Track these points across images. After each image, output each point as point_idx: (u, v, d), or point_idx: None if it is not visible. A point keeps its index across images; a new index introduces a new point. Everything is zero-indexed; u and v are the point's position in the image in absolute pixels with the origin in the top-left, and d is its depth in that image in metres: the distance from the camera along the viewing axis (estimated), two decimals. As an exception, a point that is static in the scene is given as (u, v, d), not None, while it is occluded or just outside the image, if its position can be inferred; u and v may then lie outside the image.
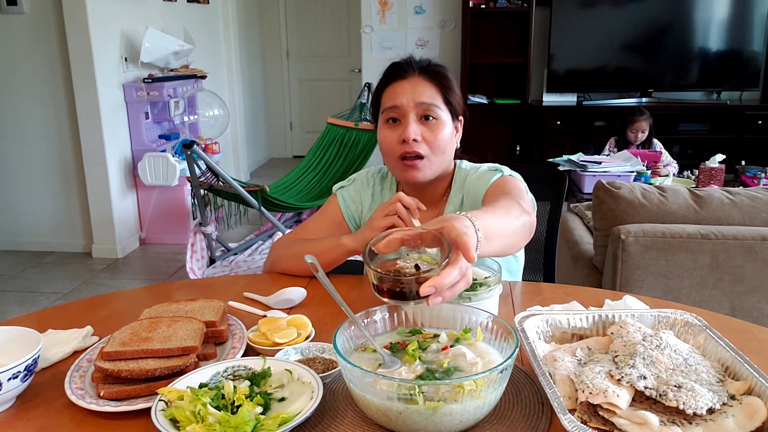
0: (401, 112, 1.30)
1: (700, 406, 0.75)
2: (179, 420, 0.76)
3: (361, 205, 1.47)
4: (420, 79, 1.31)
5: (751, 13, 4.98)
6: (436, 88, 1.31)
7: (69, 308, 1.24)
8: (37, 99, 3.85)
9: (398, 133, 1.30)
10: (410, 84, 1.31)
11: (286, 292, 1.21)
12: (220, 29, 5.50)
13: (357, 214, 1.47)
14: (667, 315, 0.98)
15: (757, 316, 1.92)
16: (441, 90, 1.31)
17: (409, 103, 1.29)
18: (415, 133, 1.28)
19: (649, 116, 3.85)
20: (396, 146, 1.30)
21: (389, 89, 1.33)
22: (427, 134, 1.29)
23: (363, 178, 1.49)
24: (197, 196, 3.53)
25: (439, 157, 1.32)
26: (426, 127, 1.30)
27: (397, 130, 1.30)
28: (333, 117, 4.43)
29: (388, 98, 1.33)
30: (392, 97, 1.31)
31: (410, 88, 1.30)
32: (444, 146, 1.32)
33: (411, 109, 1.29)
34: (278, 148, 7.20)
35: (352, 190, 1.48)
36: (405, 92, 1.30)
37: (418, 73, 1.32)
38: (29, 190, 4.02)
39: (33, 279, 3.67)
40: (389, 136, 1.32)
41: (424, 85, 1.31)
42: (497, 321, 0.90)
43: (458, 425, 0.77)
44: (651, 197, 2.01)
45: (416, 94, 1.29)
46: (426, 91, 1.30)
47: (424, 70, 1.32)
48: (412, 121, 1.29)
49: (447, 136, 1.31)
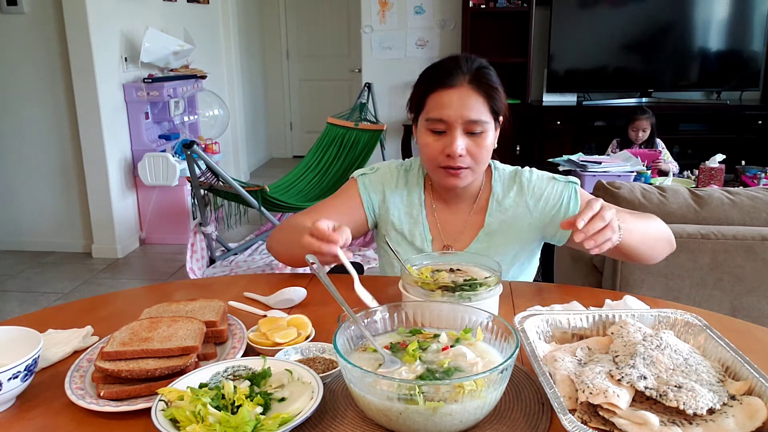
0: (448, 125, 1.27)
1: (700, 407, 0.75)
2: (179, 420, 0.76)
3: (383, 194, 1.43)
4: (469, 90, 1.26)
5: (751, 13, 4.98)
6: (483, 99, 1.27)
7: (69, 308, 1.24)
8: (37, 99, 3.85)
9: (442, 144, 1.27)
10: (458, 96, 1.25)
11: (286, 292, 1.22)
12: (220, 29, 5.50)
13: (377, 204, 1.44)
14: (667, 315, 0.98)
15: (757, 316, 1.92)
16: (488, 101, 1.27)
17: (457, 119, 1.25)
18: (461, 149, 1.26)
19: (651, 115, 3.83)
20: (439, 156, 1.29)
21: (435, 96, 1.27)
22: (472, 147, 1.28)
23: (386, 169, 1.46)
24: (197, 196, 3.53)
25: (481, 166, 1.32)
26: (471, 140, 1.28)
27: (442, 140, 1.28)
28: (333, 117, 4.43)
29: (433, 107, 1.28)
30: (438, 107, 1.27)
31: (458, 101, 1.25)
32: (487, 156, 1.32)
33: (459, 124, 1.26)
34: (278, 148, 7.20)
35: (374, 178, 1.45)
36: (452, 105, 1.25)
37: (467, 83, 1.26)
38: (29, 190, 4.02)
39: (33, 279, 3.67)
40: (432, 145, 1.29)
41: (473, 98, 1.26)
42: (497, 321, 0.90)
43: (458, 425, 0.77)
44: (651, 197, 2.00)
45: (464, 108, 1.25)
46: (474, 106, 1.26)
47: (473, 80, 1.26)
48: (459, 136, 1.26)
49: (490, 145, 1.31)
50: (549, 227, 1.38)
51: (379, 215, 1.45)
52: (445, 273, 1.14)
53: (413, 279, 1.08)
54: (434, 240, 1.41)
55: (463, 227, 1.41)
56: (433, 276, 1.12)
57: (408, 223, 1.42)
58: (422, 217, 1.42)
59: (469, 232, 1.41)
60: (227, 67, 5.63)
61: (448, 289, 1.05)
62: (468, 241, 1.39)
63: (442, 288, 1.05)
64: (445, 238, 1.41)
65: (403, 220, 1.42)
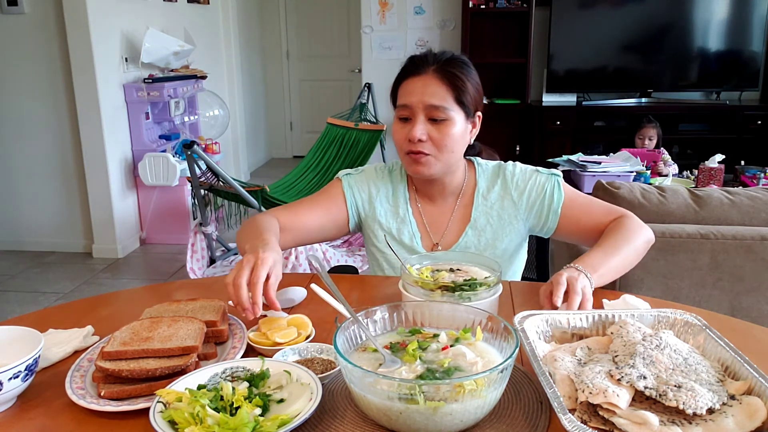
0: (411, 111, 1.31)
1: (699, 406, 0.75)
2: (178, 422, 0.76)
3: (369, 194, 1.46)
4: (432, 78, 1.30)
5: (751, 13, 4.98)
6: (447, 87, 1.30)
7: (70, 308, 1.24)
8: (38, 99, 3.85)
9: (407, 129, 1.32)
10: (422, 83, 1.31)
11: (286, 292, 1.22)
12: (221, 29, 5.50)
13: (362, 204, 1.46)
14: (667, 315, 0.98)
15: (756, 316, 1.92)
16: (453, 90, 1.30)
17: (418, 104, 1.30)
18: (420, 133, 1.30)
19: (657, 125, 3.91)
20: (404, 142, 1.33)
21: (404, 85, 1.34)
22: (434, 133, 1.31)
23: (372, 170, 1.49)
24: (197, 196, 3.53)
25: (446, 154, 1.33)
26: (434, 127, 1.31)
27: (407, 128, 1.32)
28: (333, 117, 4.43)
29: (401, 94, 1.34)
30: (404, 95, 1.33)
31: (421, 88, 1.30)
32: (452, 144, 1.33)
33: (420, 110, 1.30)
34: (278, 148, 7.20)
35: (359, 178, 1.47)
36: (416, 91, 1.31)
37: (432, 71, 1.31)
38: (30, 190, 4.02)
39: (34, 279, 3.67)
40: (399, 132, 1.35)
41: (435, 85, 1.30)
42: (497, 321, 0.90)
43: (458, 425, 0.77)
44: (650, 197, 2.01)
45: (426, 95, 1.30)
46: (437, 92, 1.30)
47: (438, 69, 1.31)
48: (420, 121, 1.30)
49: (456, 135, 1.32)
50: (534, 219, 1.41)
51: (365, 215, 1.46)
52: (445, 273, 1.14)
53: (413, 279, 1.09)
54: (422, 236, 1.44)
55: (449, 223, 1.43)
56: (433, 276, 1.12)
57: (395, 222, 1.45)
58: (408, 215, 1.45)
59: (456, 227, 1.43)
60: (227, 67, 5.63)
61: (447, 289, 1.05)
62: (456, 237, 1.42)
63: (442, 288, 1.05)
64: (433, 234, 1.44)
65: (389, 218, 1.45)
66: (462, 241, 1.41)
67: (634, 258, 1.28)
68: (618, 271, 1.24)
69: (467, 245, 1.40)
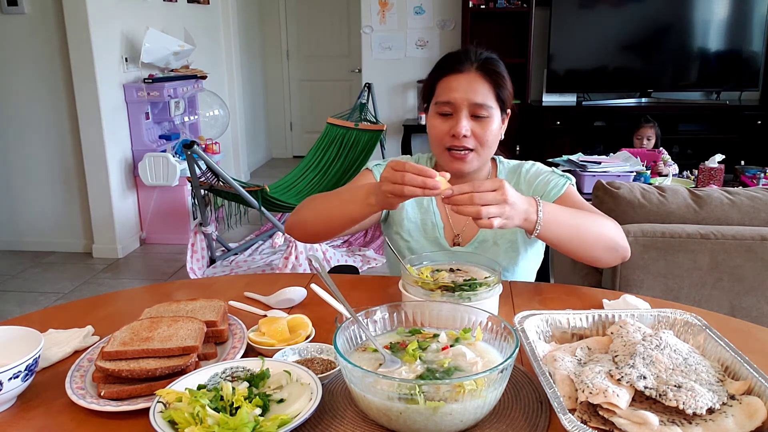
0: (454, 107, 1.33)
1: (699, 406, 0.75)
2: (178, 422, 0.76)
3: None
4: (476, 75, 1.33)
5: (751, 13, 4.98)
6: (490, 85, 1.34)
7: (69, 308, 1.24)
8: (38, 99, 3.85)
9: (449, 126, 1.34)
10: (466, 80, 1.33)
11: (286, 292, 1.22)
12: (221, 29, 5.50)
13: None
14: (667, 315, 0.98)
15: (756, 316, 1.92)
16: (494, 88, 1.34)
17: (463, 100, 1.32)
18: (466, 129, 1.32)
19: (655, 125, 3.90)
20: (445, 137, 1.35)
21: (445, 81, 1.35)
22: (477, 129, 1.34)
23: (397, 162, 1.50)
24: (197, 196, 3.53)
25: (486, 150, 1.37)
26: (476, 123, 1.34)
27: (448, 122, 1.34)
28: (333, 117, 4.43)
29: (442, 91, 1.35)
30: (447, 91, 1.34)
31: (466, 85, 1.33)
32: (492, 141, 1.36)
33: (465, 107, 1.32)
34: (278, 148, 7.20)
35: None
36: (460, 88, 1.32)
37: (475, 69, 1.34)
38: (30, 190, 4.02)
39: (33, 279, 3.67)
40: (439, 127, 1.35)
41: (479, 83, 1.33)
42: (497, 321, 0.90)
43: (458, 425, 0.77)
44: (650, 197, 2.01)
45: (471, 92, 1.32)
46: (480, 90, 1.33)
47: (480, 67, 1.34)
48: (464, 117, 1.33)
49: (495, 131, 1.36)
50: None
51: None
52: (445, 273, 1.14)
53: (413, 279, 1.09)
54: (445, 227, 1.46)
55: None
56: (432, 276, 1.12)
57: (420, 212, 1.47)
58: (432, 206, 1.47)
59: None
60: (227, 67, 5.63)
61: (447, 289, 1.05)
62: (475, 229, 1.44)
63: (442, 288, 1.06)
64: (455, 225, 1.46)
65: (415, 208, 1.47)
66: (482, 233, 1.43)
67: (590, 238, 1.22)
68: (571, 233, 1.19)
69: (485, 237, 1.42)
